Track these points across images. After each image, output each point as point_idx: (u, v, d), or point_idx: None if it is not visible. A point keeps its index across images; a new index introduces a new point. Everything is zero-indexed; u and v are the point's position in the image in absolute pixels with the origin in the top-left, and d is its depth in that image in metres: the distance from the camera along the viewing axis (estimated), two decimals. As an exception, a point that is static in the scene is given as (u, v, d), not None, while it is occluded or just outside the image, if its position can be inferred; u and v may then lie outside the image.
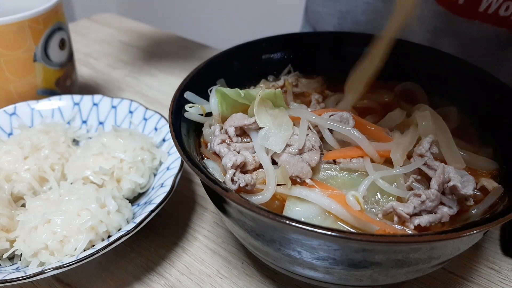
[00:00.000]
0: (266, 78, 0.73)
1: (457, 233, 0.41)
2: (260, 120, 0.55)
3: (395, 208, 0.47)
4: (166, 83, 1.12)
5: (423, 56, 0.69)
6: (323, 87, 0.72)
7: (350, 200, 0.48)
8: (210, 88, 0.62)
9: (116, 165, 0.68)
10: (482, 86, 0.63)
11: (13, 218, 0.62)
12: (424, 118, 0.56)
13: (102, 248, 0.55)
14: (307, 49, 0.74)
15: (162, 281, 0.62)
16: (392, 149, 0.53)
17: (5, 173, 0.68)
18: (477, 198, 0.51)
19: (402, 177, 0.51)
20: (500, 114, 0.60)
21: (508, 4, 0.73)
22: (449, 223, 0.48)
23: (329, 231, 0.40)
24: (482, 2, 0.75)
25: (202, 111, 0.60)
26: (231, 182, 0.50)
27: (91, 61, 1.23)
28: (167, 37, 1.37)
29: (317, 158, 0.53)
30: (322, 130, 0.56)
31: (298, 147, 0.53)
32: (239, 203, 0.44)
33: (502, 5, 0.74)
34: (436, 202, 0.48)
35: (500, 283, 0.61)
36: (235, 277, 0.62)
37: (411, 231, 0.47)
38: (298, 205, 0.50)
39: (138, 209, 0.66)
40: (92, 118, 0.83)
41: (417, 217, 0.48)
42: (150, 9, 2.87)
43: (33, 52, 0.84)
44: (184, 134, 0.56)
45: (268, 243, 0.48)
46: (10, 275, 0.53)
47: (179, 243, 0.68)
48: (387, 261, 0.45)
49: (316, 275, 0.50)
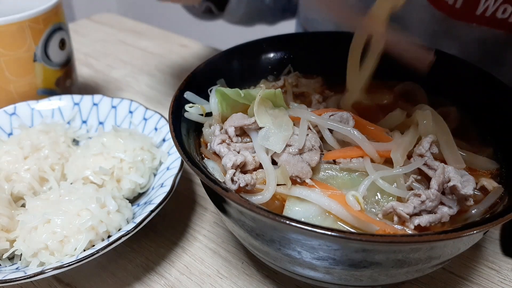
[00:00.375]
0: (266, 78, 0.73)
1: (457, 233, 0.41)
2: (260, 120, 0.55)
3: (395, 208, 0.47)
4: (166, 83, 1.12)
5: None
6: (323, 87, 0.72)
7: (350, 200, 0.48)
8: (210, 88, 0.62)
9: (116, 165, 0.68)
10: (482, 86, 0.63)
11: (13, 218, 0.62)
12: (425, 118, 0.56)
13: (102, 248, 0.55)
14: (307, 49, 0.74)
15: (162, 281, 0.62)
16: (392, 149, 0.53)
17: (5, 173, 0.68)
18: (477, 198, 0.51)
19: (402, 177, 0.51)
20: (500, 114, 0.60)
21: (506, 7, 0.73)
22: (449, 223, 0.49)
23: (329, 231, 0.40)
24: (479, 5, 0.75)
25: (202, 111, 0.60)
26: (231, 182, 0.50)
27: (91, 61, 1.23)
28: (166, 37, 1.37)
29: (317, 158, 0.53)
30: (322, 130, 0.56)
31: (298, 147, 0.53)
32: (239, 203, 0.44)
33: (499, 8, 0.74)
34: (436, 202, 0.48)
35: (500, 283, 0.61)
36: (235, 277, 0.62)
37: (411, 231, 0.47)
38: (298, 205, 0.50)
39: (138, 209, 0.66)
40: (92, 118, 0.83)
41: (417, 217, 0.48)
42: (150, 9, 2.87)
43: (33, 52, 0.84)
44: (184, 134, 0.56)
45: (268, 243, 0.48)
46: (10, 275, 0.53)
47: (179, 243, 0.68)
48: (387, 261, 0.45)
49: (316, 275, 0.50)
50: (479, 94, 0.63)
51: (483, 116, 0.62)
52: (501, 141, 0.59)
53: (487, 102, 0.62)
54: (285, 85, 0.70)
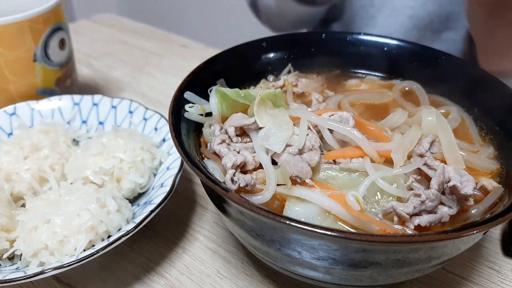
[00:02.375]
0: (266, 78, 0.73)
1: (457, 233, 0.41)
2: (260, 120, 0.55)
3: (395, 208, 0.47)
4: (166, 83, 1.12)
5: (423, 56, 0.69)
6: (323, 87, 0.72)
7: (350, 200, 0.48)
8: (210, 88, 0.62)
9: (116, 165, 0.68)
10: (482, 86, 0.63)
11: (13, 218, 0.62)
12: (429, 114, 0.56)
13: (102, 248, 0.55)
14: (307, 49, 0.74)
15: (162, 281, 0.62)
16: (393, 149, 0.53)
17: (5, 173, 0.68)
18: (477, 198, 0.51)
19: (402, 177, 0.51)
20: (500, 114, 0.60)
21: None
22: (449, 223, 0.48)
23: (329, 231, 0.40)
24: None
25: (202, 111, 0.60)
26: (231, 182, 0.50)
27: (91, 61, 1.23)
28: (167, 37, 1.37)
29: (317, 158, 0.53)
30: (322, 130, 0.56)
31: (298, 147, 0.53)
32: (239, 203, 0.44)
33: None
34: (436, 202, 0.48)
35: (500, 283, 0.61)
36: (235, 277, 0.62)
37: (411, 231, 0.47)
38: (298, 205, 0.50)
39: (138, 209, 0.66)
40: (92, 118, 0.83)
41: (417, 217, 0.48)
42: (150, 9, 2.87)
43: (33, 52, 0.84)
44: (184, 134, 0.56)
45: (268, 243, 0.48)
46: (10, 275, 0.53)
47: (179, 243, 0.68)
48: (387, 261, 0.45)
49: (316, 275, 0.50)
50: (479, 94, 0.63)
51: (483, 116, 0.62)
52: (501, 141, 0.59)
53: (487, 102, 0.62)
54: (285, 85, 0.70)
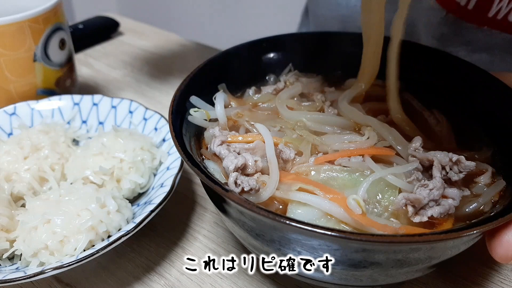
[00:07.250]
0: (266, 78, 0.73)
1: (457, 233, 0.41)
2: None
3: (408, 197, 0.48)
4: (166, 83, 1.12)
5: (423, 56, 0.69)
6: (323, 86, 0.72)
7: (351, 204, 0.48)
8: (214, 96, 0.63)
9: (116, 165, 0.68)
10: (482, 86, 0.63)
11: (13, 218, 0.62)
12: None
13: (102, 248, 0.55)
14: (308, 49, 0.74)
15: (162, 281, 0.62)
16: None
17: (5, 173, 0.68)
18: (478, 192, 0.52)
19: (404, 175, 0.51)
20: (500, 114, 0.60)
21: None
22: (453, 217, 0.49)
23: (329, 231, 0.40)
24: (492, 7, 0.74)
25: (206, 117, 0.60)
26: (234, 185, 0.50)
27: (91, 61, 1.23)
28: (167, 37, 1.37)
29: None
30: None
31: None
32: (239, 203, 0.44)
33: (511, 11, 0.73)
34: (442, 190, 0.49)
35: (500, 283, 0.61)
36: (235, 277, 0.62)
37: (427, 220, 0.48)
38: (300, 208, 0.50)
39: (138, 209, 0.66)
40: (92, 118, 0.83)
41: (429, 208, 0.48)
42: (150, 9, 2.87)
43: (33, 52, 0.84)
44: (184, 134, 0.56)
45: (268, 243, 0.48)
46: (10, 275, 0.53)
47: (179, 243, 0.68)
48: (387, 261, 0.45)
49: (316, 275, 0.50)
50: (479, 94, 0.63)
51: (482, 117, 0.62)
52: (500, 141, 0.59)
53: (487, 102, 0.62)
54: (286, 85, 0.70)
